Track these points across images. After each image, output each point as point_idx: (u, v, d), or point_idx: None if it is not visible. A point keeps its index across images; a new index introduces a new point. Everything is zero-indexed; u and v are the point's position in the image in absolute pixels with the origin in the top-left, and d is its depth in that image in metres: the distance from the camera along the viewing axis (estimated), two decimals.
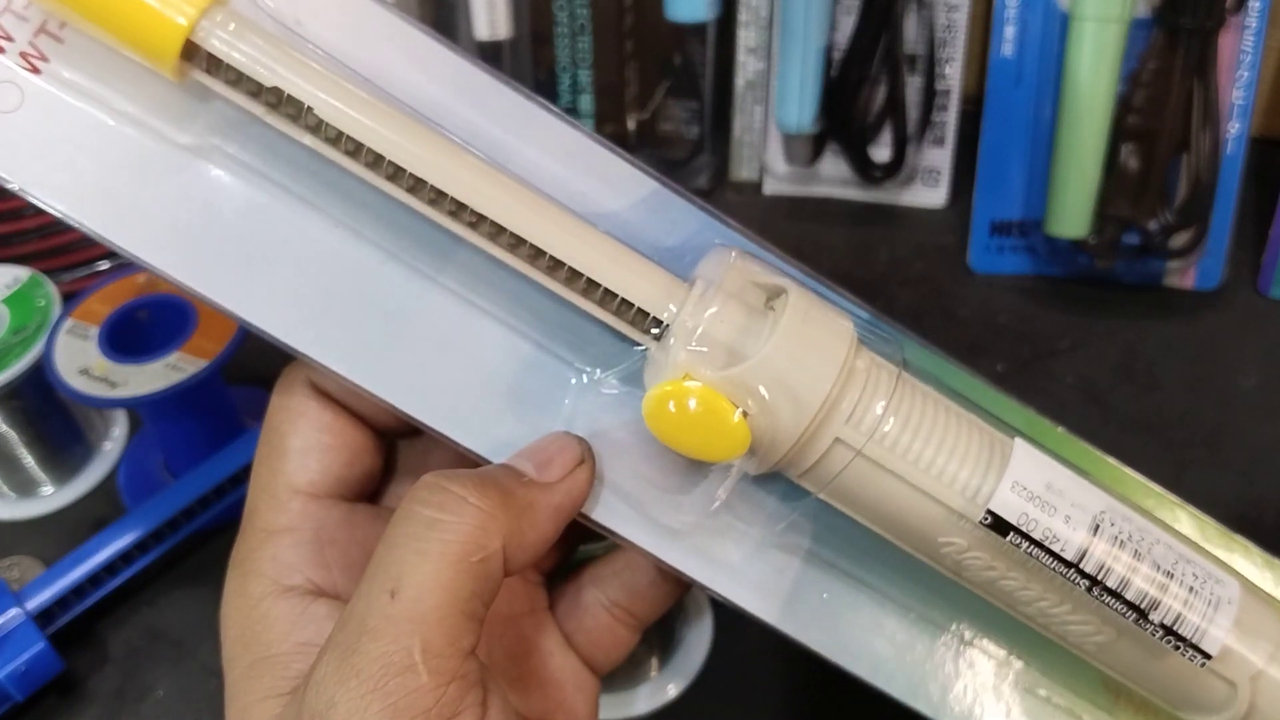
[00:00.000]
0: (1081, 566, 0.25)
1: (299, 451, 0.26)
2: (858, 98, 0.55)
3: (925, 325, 0.33)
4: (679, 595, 0.30)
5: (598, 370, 0.27)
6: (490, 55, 0.55)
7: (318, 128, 0.23)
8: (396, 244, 0.26)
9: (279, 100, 0.23)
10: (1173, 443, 0.47)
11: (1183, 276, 0.53)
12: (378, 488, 0.29)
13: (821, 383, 0.24)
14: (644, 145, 0.60)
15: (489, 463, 0.26)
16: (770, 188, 0.60)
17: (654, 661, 0.40)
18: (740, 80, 0.58)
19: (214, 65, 0.23)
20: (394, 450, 0.29)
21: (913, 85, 0.55)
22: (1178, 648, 0.25)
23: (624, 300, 0.24)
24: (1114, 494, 0.26)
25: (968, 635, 0.29)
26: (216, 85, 0.23)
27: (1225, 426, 0.48)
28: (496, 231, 0.24)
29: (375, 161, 0.23)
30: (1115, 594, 0.25)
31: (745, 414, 0.24)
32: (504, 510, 0.23)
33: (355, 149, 0.23)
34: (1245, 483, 0.44)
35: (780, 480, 0.27)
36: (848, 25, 0.54)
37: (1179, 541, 0.26)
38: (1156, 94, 0.49)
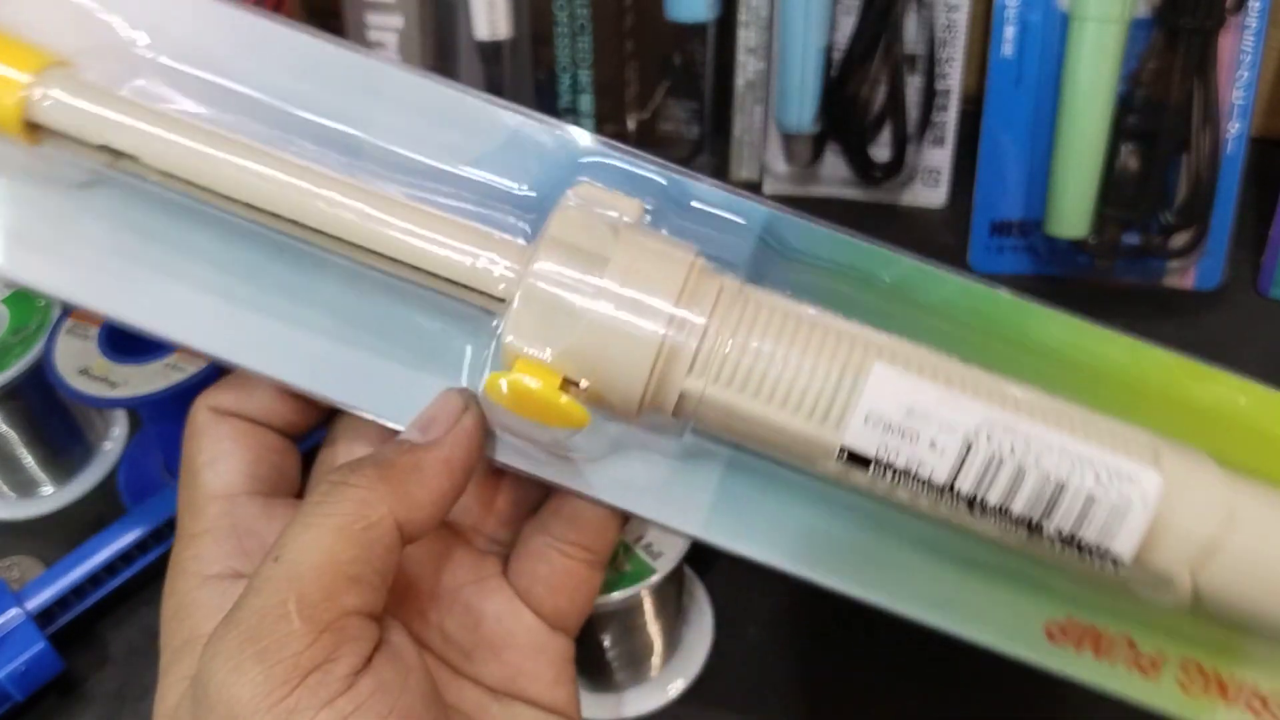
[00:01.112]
0: (956, 489, 0.24)
1: (206, 463, 0.28)
2: (858, 98, 0.55)
3: None
4: (623, 517, 0.30)
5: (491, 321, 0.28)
6: (490, 55, 0.55)
7: (134, 166, 0.26)
8: (280, 238, 0.27)
9: (114, 154, 0.25)
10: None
11: (1183, 276, 0.53)
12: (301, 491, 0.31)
13: (647, 344, 0.24)
14: (644, 145, 0.59)
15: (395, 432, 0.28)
16: (770, 188, 0.60)
17: (654, 661, 0.40)
18: (740, 80, 0.58)
19: (51, 132, 0.25)
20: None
21: (913, 85, 0.55)
22: (1084, 555, 0.24)
23: (462, 284, 0.25)
24: (1003, 396, 0.25)
25: (909, 542, 0.28)
26: (61, 146, 0.26)
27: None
28: (334, 240, 0.26)
29: (211, 193, 0.26)
30: (1000, 511, 0.24)
31: (581, 386, 0.24)
32: (384, 481, 0.25)
33: (190, 184, 0.26)
34: None
35: None
36: (848, 25, 0.54)
37: (1087, 438, 0.24)
38: (1156, 94, 0.49)
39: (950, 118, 0.57)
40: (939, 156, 0.58)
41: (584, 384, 0.24)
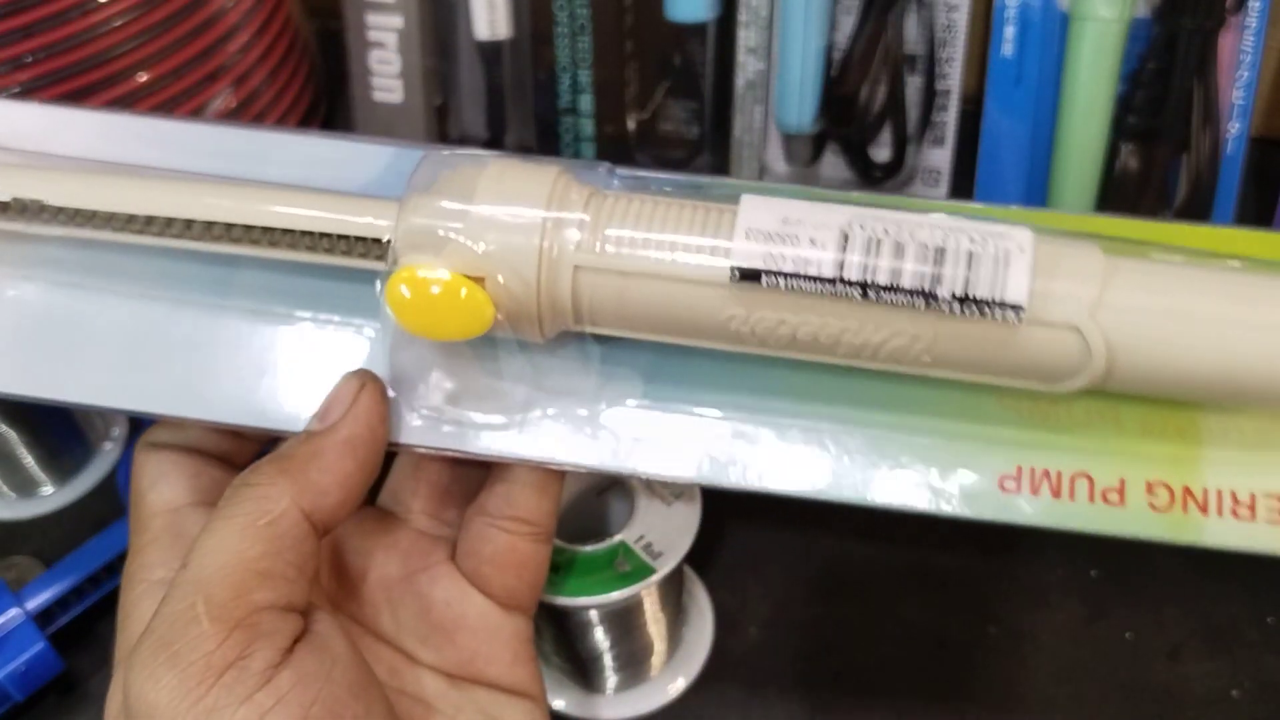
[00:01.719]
0: (845, 277, 0.25)
1: (149, 486, 0.29)
2: (858, 98, 0.55)
3: None
4: (558, 482, 0.31)
5: (373, 321, 0.29)
6: (490, 55, 0.55)
7: (40, 212, 0.28)
8: (177, 292, 0.30)
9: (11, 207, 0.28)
10: None
11: None
12: None
13: (534, 205, 0.26)
14: (644, 145, 0.60)
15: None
16: None
17: (654, 661, 0.40)
18: (740, 80, 0.58)
19: None
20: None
21: (913, 85, 0.55)
22: (986, 314, 0.25)
23: (344, 237, 0.27)
24: (867, 203, 0.26)
25: (824, 425, 0.28)
26: None
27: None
28: (207, 228, 0.27)
29: (97, 218, 0.28)
30: (892, 289, 0.25)
31: (474, 281, 0.25)
32: (283, 474, 0.26)
33: (78, 217, 0.28)
34: None
35: (585, 346, 0.28)
36: (848, 25, 0.54)
37: (951, 218, 0.25)
38: (1156, 94, 0.49)
39: (950, 118, 0.57)
40: (939, 156, 0.58)
41: (483, 275, 0.25)
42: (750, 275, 0.25)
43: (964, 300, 0.25)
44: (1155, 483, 0.27)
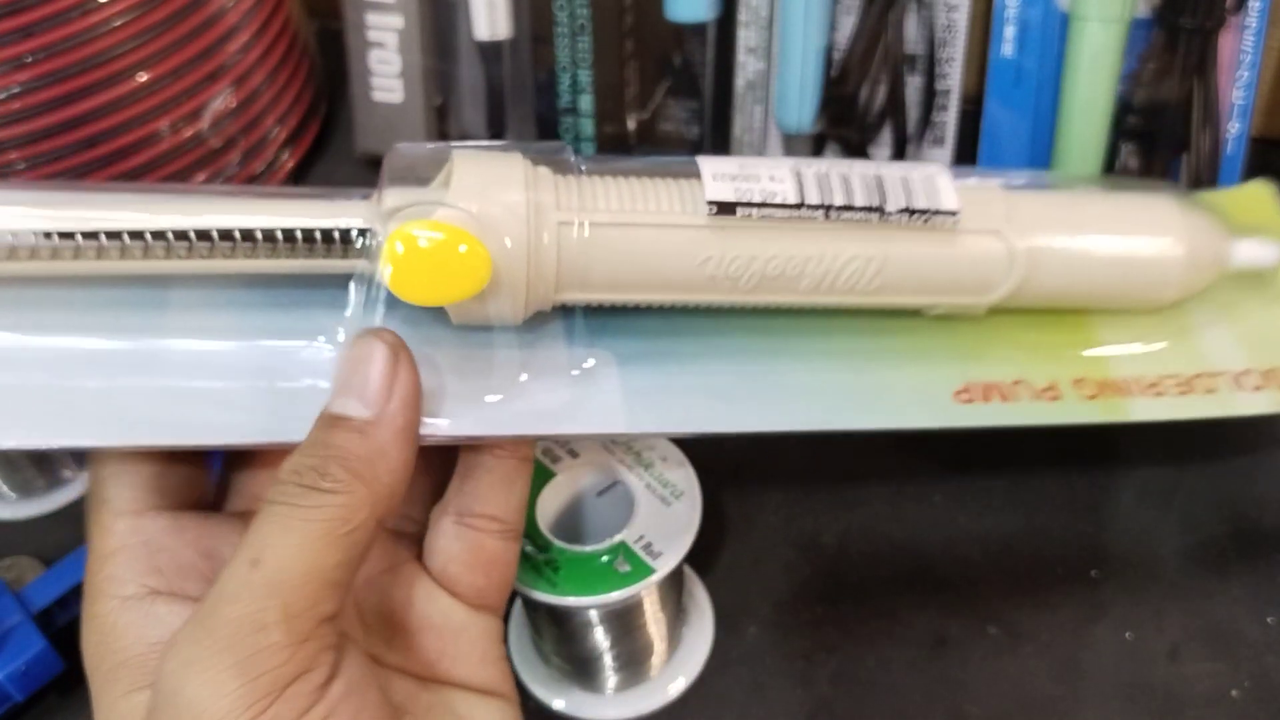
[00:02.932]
0: (807, 202, 0.28)
1: (110, 478, 0.28)
2: (858, 98, 0.55)
3: None
4: (524, 477, 0.31)
5: (339, 329, 0.29)
6: (490, 55, 0.55)
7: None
8: (114, 320, 0.28)
9: None
10: (1173, 442, 0.47)
11: None
12: (222, 496, 0.31)
13: (515, 185, 0.27)
14: (644, 145, 0.60)
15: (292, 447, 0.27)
16: None
17: (654, 661, 0.40)
18: (740, 80, 0.58)
19: None
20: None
21: (913, 85, 0.55)
22: (927, 220, 0.29)
23: (322, 231, 0.27)
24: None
25: (800, 361, 0.32)
26: None
27: (1225, 426, 0.48)
28: (177, 239, 0.26)
29: (49, 242, 0.26)
30: (848, 208, 0.29)
31: (474, 240, 0.26)
32: (358, 479, 0.25)
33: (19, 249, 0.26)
34: (1245, 482, 0.44)
35: (564, 329, 0.29)
36: (848, 25, 0.54)
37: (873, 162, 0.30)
38: (1156, 94, 0.49)
39: (950, 118, 0.57)
40: (939, 156, 0.58)
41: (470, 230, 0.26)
42: (725, 208, 0.28)
43: (909, 211, 0.29)
44: (1079, 379, 0.32)
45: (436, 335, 0.28)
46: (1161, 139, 0.50)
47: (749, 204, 0.28)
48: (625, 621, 0.38)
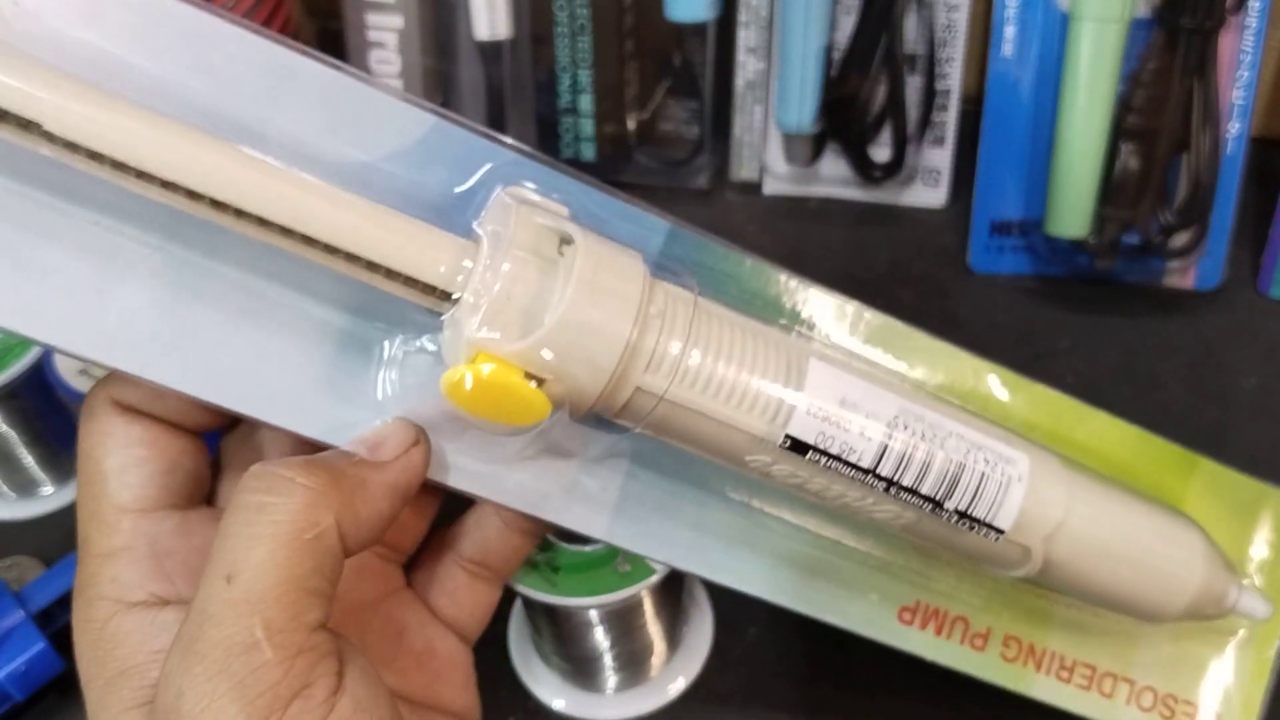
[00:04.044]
0: (878, 472, 0.27)
1: (116, 471, 0.26)
2: (858, 98, 0.55)
3: (925, 325, 0.33)
4: (528, 547, 0.31)
5: (402, 336, 0.27)
6: (490, 55, 0.55)
7: (51, 139, 0.22)
8: (166, 233, 0.25)
9: (2, 117, 0.22)
10: (1173, 442, 0.46)
11: (1183, 276, 0.53)
12: (212, 488, 0.29)
13: (615, 342, 0.24)
14: (644, 145, 0.60)
15: (312, 441, 0.26)
16: (770, 188, 0.60)
17: (654, 661, 0.40)
18: (740, 80, 0.58)
19: None
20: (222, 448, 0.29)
21: (913, 85, 0.55)
22: (973, 529, 0.28)
23: (409, 277, 0.24)
24: (908, 392, 0.28)
25: (788, 532, 0.31)
26: None
27: (1225, 426, 0.48)
28: (262, 224, 0.23)
29: (121, 167, 0.22)
30: (911, 490, 0.27)
31: (542, 382, 0.24)
32: (333, 488, 0.24)
33: (96, 156, 0.22)
34: None
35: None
36: (848, 25, 0.54)
37: (974, 428, 0.28)
38: (1156, 94, 0.49)
39: (950, 118, 0.57)
40: (939, 156, 0.58)
41: (547, 378, 0.24)
42: (799, 447, 0.26)
43: (962, 515, 0.28)
44: (1011, 636, 0.33)
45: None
46: (1161, 139, 0.50)
47: (822, 452, 0.26)
48: (625, 621, 0.38)
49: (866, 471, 0.27)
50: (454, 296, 0.24)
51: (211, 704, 0.21)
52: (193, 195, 0.23)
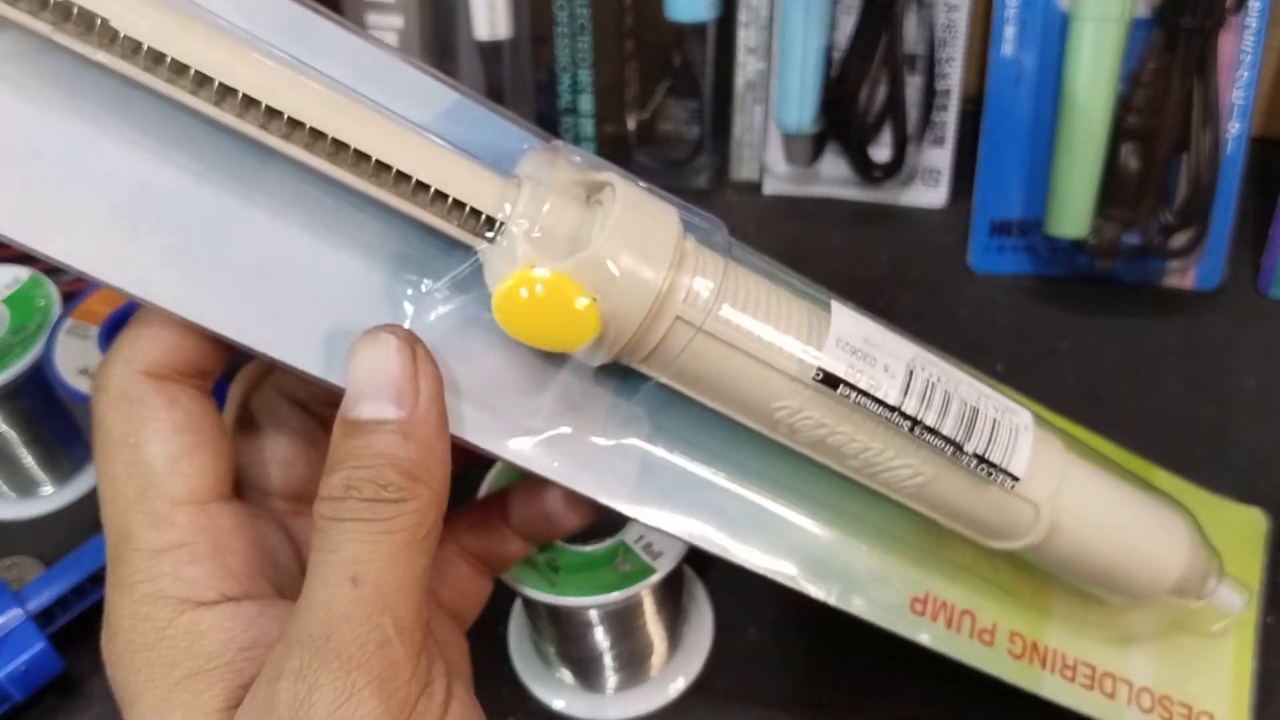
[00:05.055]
0: (903, 409, 0.27)
1: (165, 460, 0.24)
2: (858, 98, 0.55)
3: (925, 325, 0.33)
4: (527, 550, 0.32)
5: (427, 281, 0.26)
6: (490, 55, 0.55)
7: (113, 41, 0.21)
8: (202, 164, 0.24)
9: (67, 15, 0.21)
10: (1172, 443, 0.46)
11: (1183, 276, 0.53)
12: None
13: (659, 264, 0.25)
14: (644, 145, 0.60)
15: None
16: (770, 188, 0.60)
17: (654, 661, 0.40)
18: (740, 80, 0.58)
19: None
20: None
21: (913, 85, 0.55)
22: (989, 475, 0.29)
23: (456, 201, 0.24)
24: (918, 343, 0.29)
25: (804, 511, 0.31)
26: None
27: (1225, 426, 0.48)
28: (315, 139, 0.23)
29: (179, 71, 0.22)
30: (934, 431, 0.28)
31: (592, 300, 0.24)
32: (416, 482, 0.23)
33: (156, 60, 0.22)
34: (1245, 483, 0.44)
35: (615, 378, 0.28)
36: (848, 25, 0.54)
37: (978, 380, 0.29)
38: (1156, 94, 0.49)
39: (950, 118, 0.57)
40: (939, 156, 0.58)
41: (596, 292, 0.24)
42: (830, 380, 0.27)
43: (981, 459, 0.28)
44: (1017, 633, 0.33)
45: (493, 341, 0.26)
46: (1161, 139, 0.50)
47: (852, 386, 0.27)
48: (625, 621, 0.38)
49: (892, 409, 0.27)
50: (496, 225, 0.24)
51: (352, 697, 0.21)
52: (249, 101, 0.22)
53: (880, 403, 0.27)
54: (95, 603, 0.42)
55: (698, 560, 0.42)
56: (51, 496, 0.47)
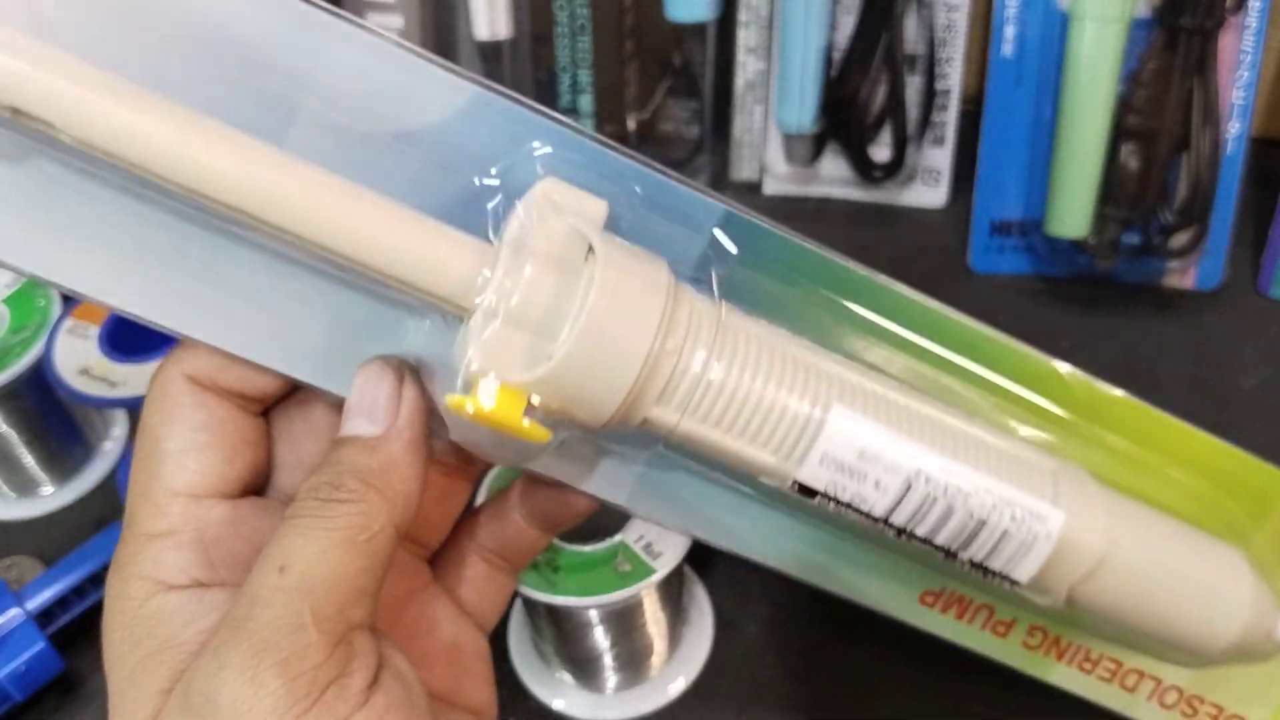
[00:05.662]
0: (890, 521, 0.26)
1: (175, 453, 0.26)
2: (858, 98, 0.55)
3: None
4: (545, 543, 0.31)
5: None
6: (490, 55, 0.55)
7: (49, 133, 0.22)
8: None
9: (19, 114, 0.21)
10: None
11: (1183, 276, 0.53)
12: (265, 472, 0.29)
13: (620, 383, 0.24)
14: (644, 145, 0.60)
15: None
16: (770, 188, 0.60)
17: (654, 661, 0.40)
18: (740, 80, 0.58)
19: None
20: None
21: (913, 85, 0.55)
22: (987, 578, 0.27)
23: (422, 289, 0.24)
24: (945, 427, 0.27)
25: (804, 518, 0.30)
26: None
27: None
28: (280, 231, 0.23)
29: (132, 165, 0.22)
30: (924, 540, 0.26)
31: (541, 409, 0.24)
32: (370, 489, 0.24)
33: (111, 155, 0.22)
34: None
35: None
36: (848, 25, 0.54)
37: (1010, 482, 0.27)
38: (1156, 94, 0.49)
39: (950, 118, 0.57)
40: (939, 156, 0.58)
41: (547, 404, 0.24)
42: (808, 492, 0.26)
43: (977, 566, 0.27)
44: (1037, 627, 0.32)
45: None
46: (1161, 139, 0.50)
47: (831, 499, 0.26)
48: (625, 621, 0.38)
49: (876, 520, 0.26)
50: (470, 306, 0.24)
51: (255, 676, 0.22)
52: (210, 200, 0.23)
53: (863, 514, 0.26)
54: (95, 603, 0.42)
55: (698, 560, 0.42)
56: (51, 496, 0.47)
